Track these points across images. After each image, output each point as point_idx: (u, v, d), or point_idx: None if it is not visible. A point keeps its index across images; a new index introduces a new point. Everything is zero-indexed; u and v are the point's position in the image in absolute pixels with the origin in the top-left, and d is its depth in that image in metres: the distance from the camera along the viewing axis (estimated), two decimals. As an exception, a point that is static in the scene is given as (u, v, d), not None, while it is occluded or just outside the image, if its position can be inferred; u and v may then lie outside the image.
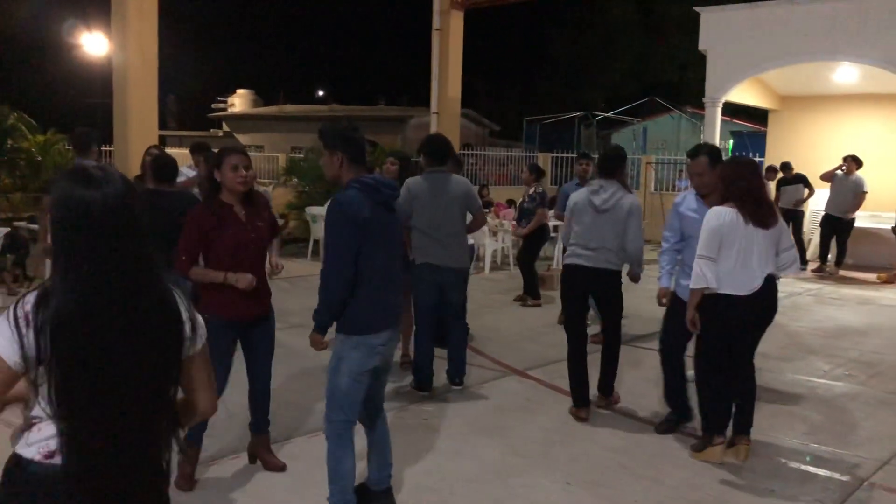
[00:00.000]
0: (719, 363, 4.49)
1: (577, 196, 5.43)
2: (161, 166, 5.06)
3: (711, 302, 4.37)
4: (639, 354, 6.83)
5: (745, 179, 4.42)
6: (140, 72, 12.35)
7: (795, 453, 4.78)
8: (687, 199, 4.97)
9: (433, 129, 16.82)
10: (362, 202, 3.40)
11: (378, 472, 3.79)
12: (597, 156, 7.00)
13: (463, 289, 5.99)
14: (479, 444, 4.79)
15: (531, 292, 9.33)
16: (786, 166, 12.92)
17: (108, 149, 13.45)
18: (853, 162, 12.21)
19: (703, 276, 4.32)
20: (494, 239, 12.29)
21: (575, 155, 13.22)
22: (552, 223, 9.84)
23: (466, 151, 19.92)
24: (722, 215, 4.35)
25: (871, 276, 12.03)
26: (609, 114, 27.72)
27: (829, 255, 12.53)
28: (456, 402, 5.61)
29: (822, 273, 12.32)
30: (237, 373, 4.09)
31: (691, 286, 4.42)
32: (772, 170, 12.94)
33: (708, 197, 4.75)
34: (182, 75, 34.43)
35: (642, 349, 7.01)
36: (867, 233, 12.79)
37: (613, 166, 5.35)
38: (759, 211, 4.37)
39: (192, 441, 3.93)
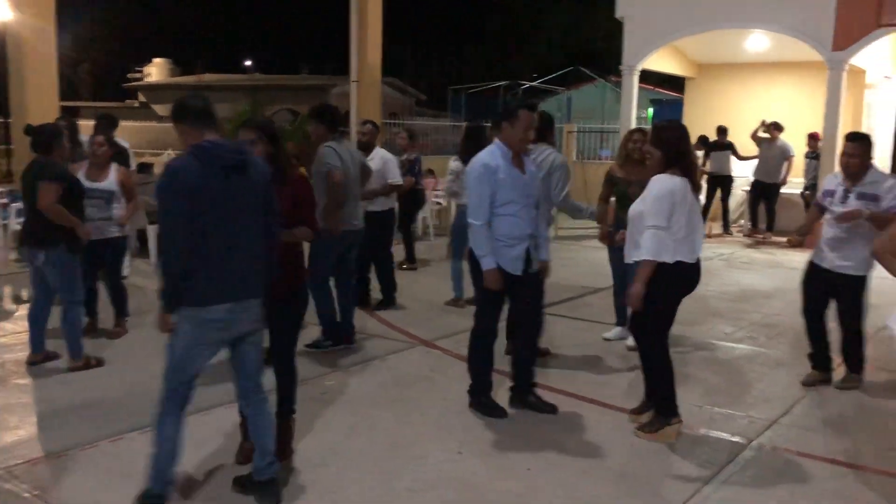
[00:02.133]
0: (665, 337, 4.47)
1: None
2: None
3: (665, 272, 4.24)
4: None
5: (687, 145, 4.42)
6: (36, 35, 11.68)
7: (690, 416, 4.81)
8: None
9: (353, 98, 16.49)
10: (193, 169, 3.24)
11: (260, 460, 3.62)
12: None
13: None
14: (377, 417, 4.70)
15: (409, 257, 9.54)
16: (722, 131, 13.04)
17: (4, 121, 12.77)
18: (775, 129, 12.51)
19: (657, 247, 4.20)
20: (421, 210, 12.09)
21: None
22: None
23: (390, 121, 19.65)
24: (673, 182, 4.24)
25: (783, 241, 12.33)
26: (535, 83, 27.76)
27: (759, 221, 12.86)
28: (358, 375, 5.50)
29: (755, 237, 12.60)
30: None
31: (644, 257, 4.24)
32: (703, 140, 13.02)
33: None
34: (96, 44, 33.10)
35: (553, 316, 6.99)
36: (780, 198, 13.12)
37: (542, 129, 5.44)
38: (695, 177, 4.39)
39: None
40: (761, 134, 12.72)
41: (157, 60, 32.96)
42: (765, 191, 12.67)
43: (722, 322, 7.26)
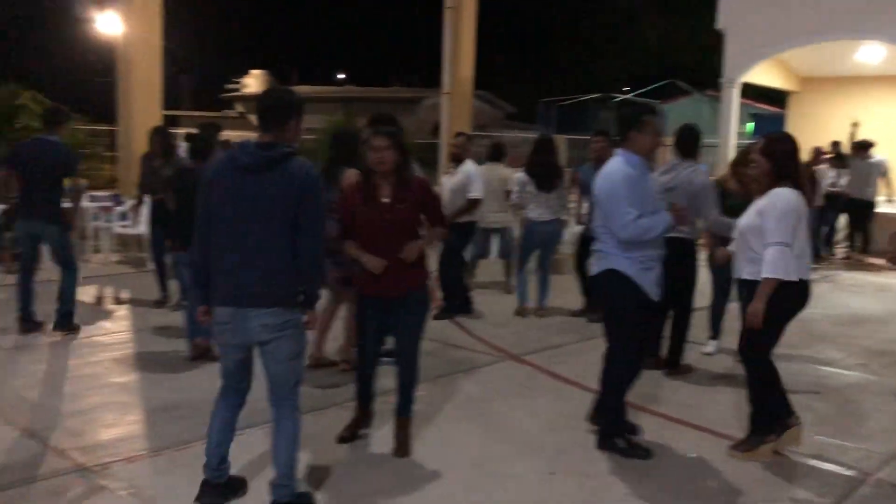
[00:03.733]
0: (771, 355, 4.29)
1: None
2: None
3: (787, 290, 4.06)
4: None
5: (798, 157, 4.24)
6: (143, 49, 12.19)
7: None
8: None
9: (444, 110, 16.54)
10: (216, 164, 3.47)
11: (275, 475, 3.47)
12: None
13: None
14: (461, 431, 4.58)
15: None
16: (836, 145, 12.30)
17: (110, 128, 13.31)
18: (862, 149, 11.77)
19: (785, 264, 4.01)
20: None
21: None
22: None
23: (480, 133, 19.62)
24: (796, 197, 4.08)
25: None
26: (628, 96, 27.28)
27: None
28: (444, 388, 5.41)
29: (848, 259, 11.93)
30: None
31: (771, 275, 4.02)
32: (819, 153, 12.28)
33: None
34: (197, 56, 34.37)
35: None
36: (888, 218, 12.38)
37: (688, 145, 5.55)
38: (806, 191, 4.20)
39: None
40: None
41: (254, 72, 33.98)
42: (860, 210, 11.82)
43: (830, 347, 6.84)
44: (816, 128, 13.79)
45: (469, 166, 7.46)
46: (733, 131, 12.84)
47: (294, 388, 3.45)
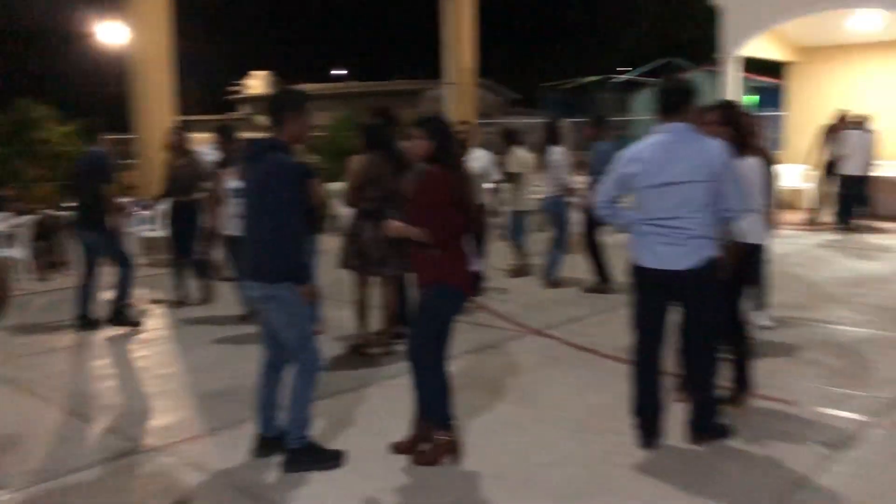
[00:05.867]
0: None
1: None
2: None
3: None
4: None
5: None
6: (155, 58, 12.47)
7: (810, 396, 4.81)
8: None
9: (448, 101, 16.77)
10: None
11: (287, 425, 4.01)
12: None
13: None
14: (496, 401, 4.89)
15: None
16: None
17: (124, 136, 13.56)
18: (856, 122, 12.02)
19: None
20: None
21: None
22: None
23: (485, 122, 19.86)
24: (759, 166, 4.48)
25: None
26: (625, 77, 27.41)
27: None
28: (474, 361, 5.72)
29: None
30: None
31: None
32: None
33: None
34: (198, 60, 34.55)
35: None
36: (890, 181, 12.65)
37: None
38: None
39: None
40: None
41: (256, 73, 34.23)
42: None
43: (839, 307, 7.13)
44: (818, 97, 13.97)
45: (482, 153, 7.79)
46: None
47: (297, 352, 3.93)
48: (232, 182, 6.74)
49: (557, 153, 8.07)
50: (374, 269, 5.75)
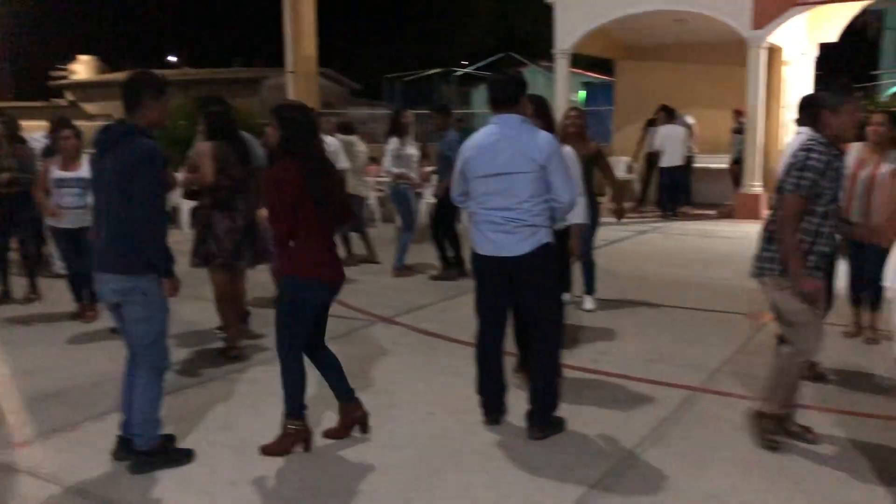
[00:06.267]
0: None
1: None
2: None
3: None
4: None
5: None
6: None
7: (639, 371, 5.21)
8: None
9: (289, 89, 16.54)
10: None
11: (133, 425, 3.93)
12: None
13: None
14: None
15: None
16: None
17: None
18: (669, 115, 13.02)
19: None
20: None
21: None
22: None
23: (327, 111, 19.71)
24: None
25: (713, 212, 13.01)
26: (468, 69, 28.07)
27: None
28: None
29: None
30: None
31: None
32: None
33: None
34: (13, 42, 32.00)
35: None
36: (709, 171, 13.80)
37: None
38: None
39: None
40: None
41: (82, 58, 32.12)
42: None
43: (663, 288, 7.71)
44: (643, 94, 14.93)
45: (330, 140, 7.83)
46: (565, 100, 13.69)
47: (146, 349, 3.79)
48: (58, 172, 6.44)
49: (398, 143, 8.23)
50: (230, 262, 5.57)
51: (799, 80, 14.01)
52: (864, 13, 17.81)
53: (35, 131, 9.03)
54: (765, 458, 3.88)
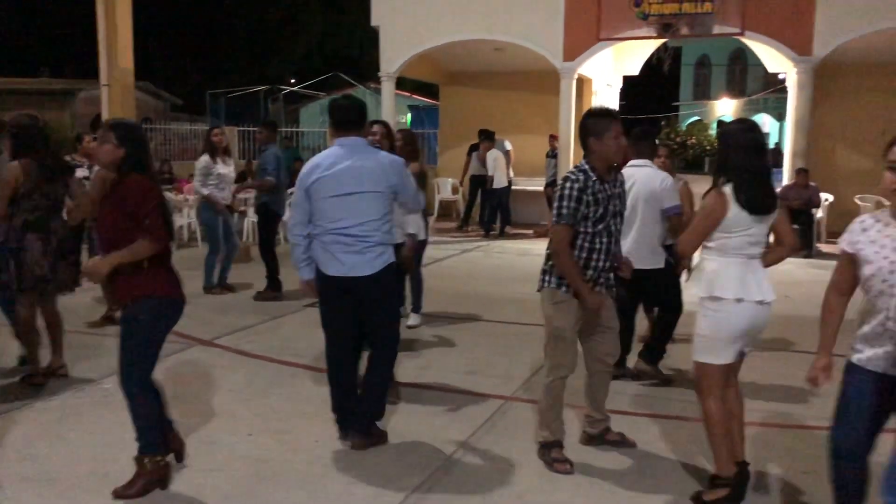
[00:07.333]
0: None
1: None
2: None
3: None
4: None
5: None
6: None
7: (459, 382, 5.43)
8: None
9: (105, 103, 15.72)
10: None
11: None
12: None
13: None
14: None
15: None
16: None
17: None
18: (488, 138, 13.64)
19: None
20: (180, 215, 11.96)
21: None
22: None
23: (146, 126, 18.88)
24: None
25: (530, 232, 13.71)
26: (295, 88, 27.88)
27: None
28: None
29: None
30: None
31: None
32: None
33: None
34: None
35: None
36: (526, 193, 14.54)
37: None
38: None
39: None
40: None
41: None
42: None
43: (485, 304, 8.05)
44: (466, 118, 15.51)
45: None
46: (391, 122, 13.96)
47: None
48: None
49: (208, 161, 8.14)
50: (41, 287, 5.20)
51: (606, 109, 15.09)
52: (664, 49, 19.57)
53: None
54: (571, 459, 4.18)
